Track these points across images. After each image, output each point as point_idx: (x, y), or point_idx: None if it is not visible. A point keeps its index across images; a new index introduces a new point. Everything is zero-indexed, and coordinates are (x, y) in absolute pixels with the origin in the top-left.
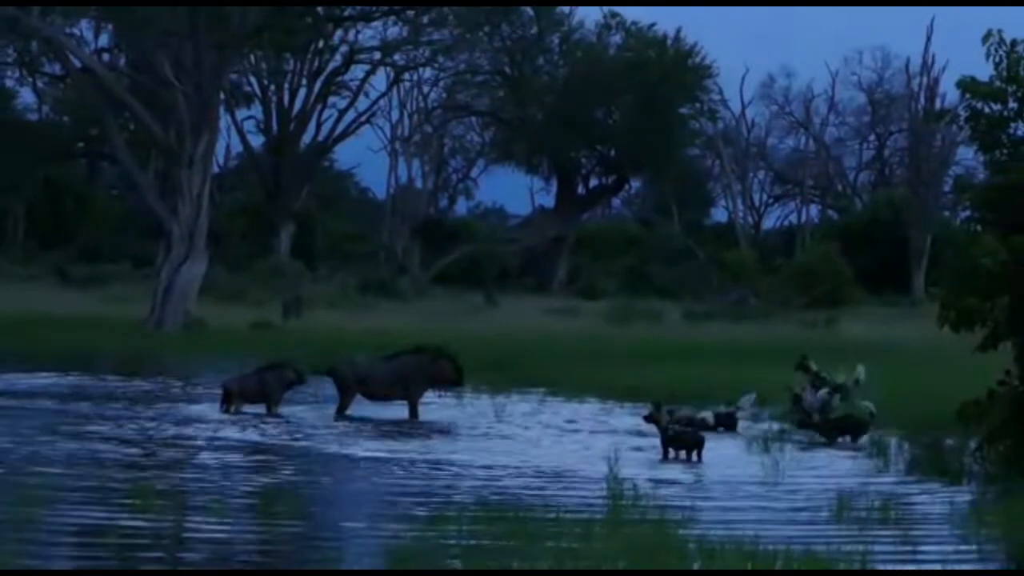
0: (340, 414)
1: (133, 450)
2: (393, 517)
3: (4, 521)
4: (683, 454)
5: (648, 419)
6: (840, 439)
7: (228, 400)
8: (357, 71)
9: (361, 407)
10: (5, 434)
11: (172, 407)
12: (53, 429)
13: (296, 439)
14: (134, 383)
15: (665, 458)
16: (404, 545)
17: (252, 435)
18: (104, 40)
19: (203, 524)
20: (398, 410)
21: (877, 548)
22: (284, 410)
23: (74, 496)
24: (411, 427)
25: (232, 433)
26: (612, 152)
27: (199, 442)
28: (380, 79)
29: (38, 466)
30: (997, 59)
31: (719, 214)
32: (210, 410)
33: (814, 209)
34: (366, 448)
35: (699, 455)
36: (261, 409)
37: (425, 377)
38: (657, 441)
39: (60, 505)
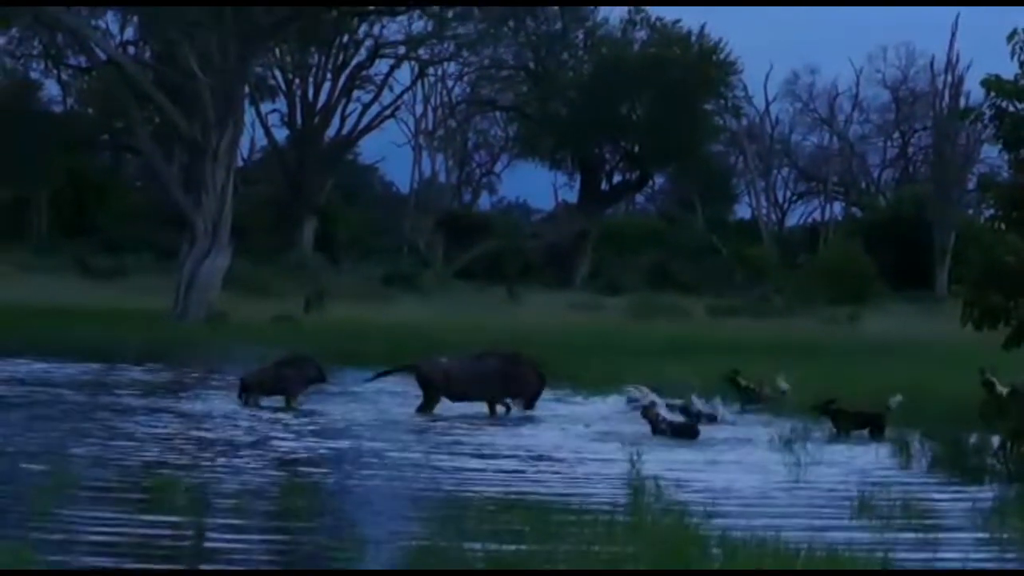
0: (426, 412)
1: (150, 443)
2: (413, 515)
3: (21, 518)
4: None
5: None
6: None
7: (246, 393)
8: (382, 65)
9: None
10: (21, 426)
11: (191, 399)
12: (69, 421)
13: (313, 434)
14: (154, 375)
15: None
16: (423, 544)
17: (267, 429)
18: (129, 33)
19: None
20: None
21: (898, 545)
22: (306, 405)
23: (90, 493)
24: (431, 422)
25: (242, 427)
26: (636, 148)
27: (214, 435)
28: (404, 73)
29: (54, 460)
30: (1022, 58)
31: (742, 210)
32: (227, 403)
33: (837, 206)
34: (383, 443)
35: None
36: (279, 402)
37: (509, 381)
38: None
39: (76, 503)
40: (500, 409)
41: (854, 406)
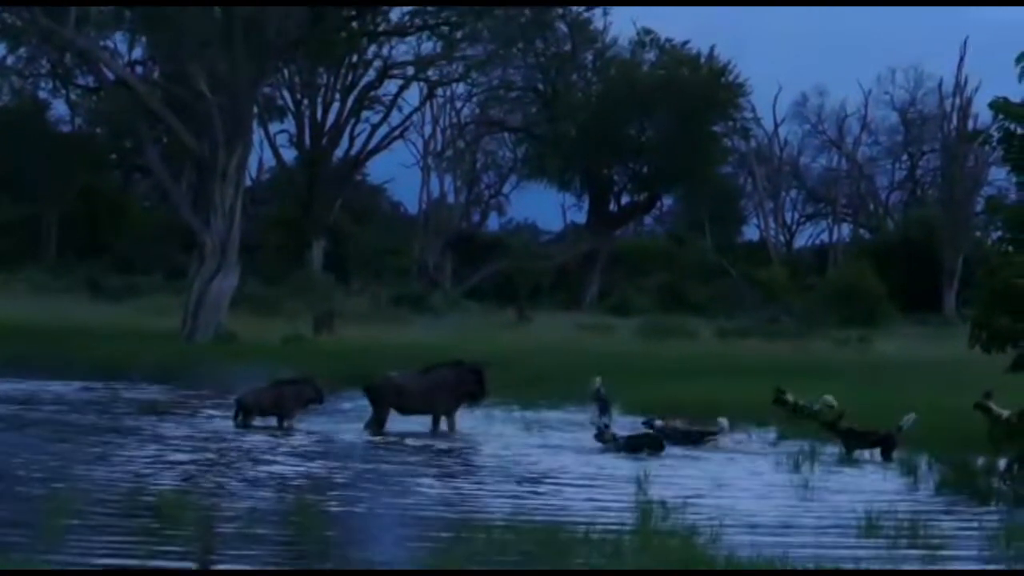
0: (376, 430)
1: (150, 464)
2: (420, 537)
3: (30, 540)
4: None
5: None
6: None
7: (242, 413)
8: (391, 86)
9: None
10: (26, 446)
11: (191, 420)
12: (73, 442)
13: (313, 455)
14: (158, 394)
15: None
16: (431, 562)
17: (268, 450)
18: (138, 52)
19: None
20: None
21: (905, 566)
22: (305, 425)
23: (93, 515)
24: (434, 441)
25: (243, 448)
26: (645, 169)
27: (215, 456)
28: (413, 94)
29: (58, 482)
30: None
31: (751, 232)
32: (227, 423)
33: (846, 228)
34: (384, 463)
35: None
36: (274, 421)
37: (454, 390)
38: (684, 457)
39: (80, 526)
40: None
41: (864, 425)
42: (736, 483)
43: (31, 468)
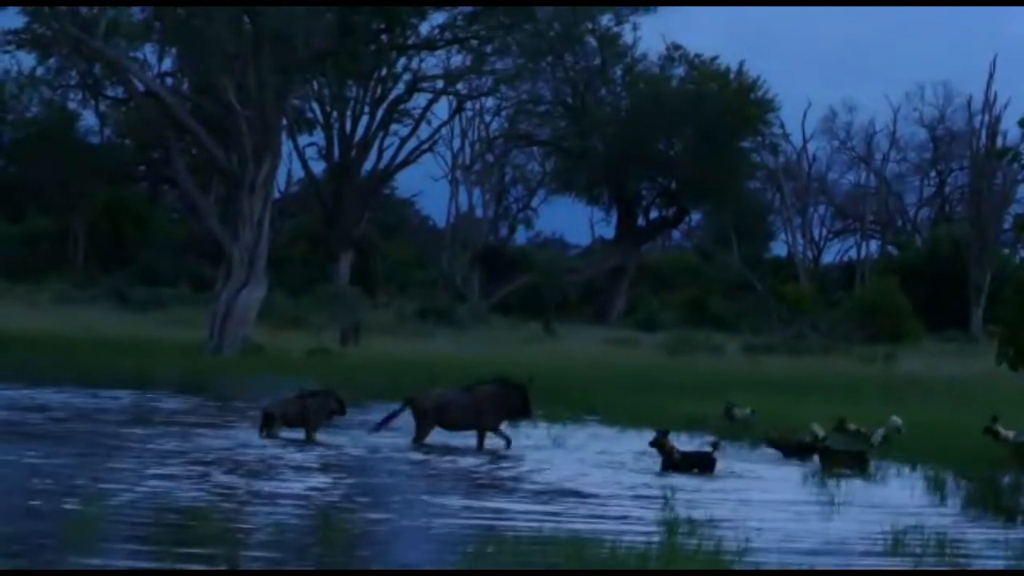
0: (418, 443)
1: (176, 478)
2: (445, 548)
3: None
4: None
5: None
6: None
7: (268, 424)
8: (420, 99)
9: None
10: (53, 459)
11: (216, 433)
12: (99, 455)
13: (336, 469)
14: (184, 407)
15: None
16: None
17: (296, 463)
18: (167, 64)
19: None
20: (462, 438)
21: None
22: (328, 438)
23: (122, 529)
24: (459, 456)
25: (272, 461)
26: (673, 184)
27: (243, 468)
28: (442, 107)
29: (87, 496)
30: None
31: (779, 248)
32: (252, 435)
33: (874, 244)
34: (407, 478)
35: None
36: (301, 434)
37: (498, 407)
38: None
39: (107, 541)
40: (500, 443)
41: (839, 445)
42: (762, 500)
43: (48, 480)
